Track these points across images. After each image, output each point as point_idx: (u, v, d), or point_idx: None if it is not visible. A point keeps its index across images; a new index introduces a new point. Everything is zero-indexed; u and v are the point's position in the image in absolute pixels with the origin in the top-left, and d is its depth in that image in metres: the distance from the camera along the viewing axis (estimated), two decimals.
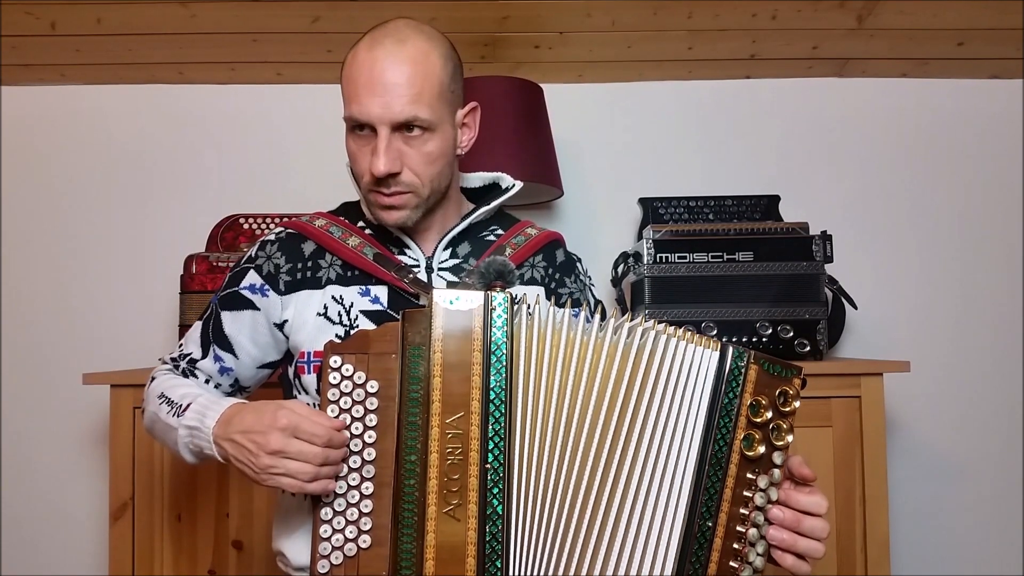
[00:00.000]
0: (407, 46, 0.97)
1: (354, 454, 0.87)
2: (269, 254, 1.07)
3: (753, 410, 0.85)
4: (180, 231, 1.95)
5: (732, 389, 0.85)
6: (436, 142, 1.00)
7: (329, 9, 1.66)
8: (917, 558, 1.92)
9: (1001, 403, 1.95)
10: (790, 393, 0.86)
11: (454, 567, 0.83)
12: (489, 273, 0.96)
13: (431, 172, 1.01)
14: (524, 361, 0.87)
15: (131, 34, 1.75)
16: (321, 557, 0.86)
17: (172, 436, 0.98)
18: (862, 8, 1.69)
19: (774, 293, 1.61)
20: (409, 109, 0.96)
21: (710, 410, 0.85)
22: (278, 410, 0.86)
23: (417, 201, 1.02)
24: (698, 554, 0.84)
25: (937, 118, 2.00)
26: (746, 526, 0.84)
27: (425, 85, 0.97)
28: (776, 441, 0.85)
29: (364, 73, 0.97)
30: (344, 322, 1.03)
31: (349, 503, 0.87)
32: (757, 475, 0.85)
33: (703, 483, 0.84)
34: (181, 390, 1.00)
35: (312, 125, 1.98)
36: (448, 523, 0.84)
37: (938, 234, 1.99)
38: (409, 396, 0.86)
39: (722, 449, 0.85)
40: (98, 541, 1.90)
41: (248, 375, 1.10)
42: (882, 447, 1.48)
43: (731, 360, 0.86)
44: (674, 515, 0.85)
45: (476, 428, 0.85)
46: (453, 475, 0.84)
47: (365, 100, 0.96)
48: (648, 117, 2.02)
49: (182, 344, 1.11)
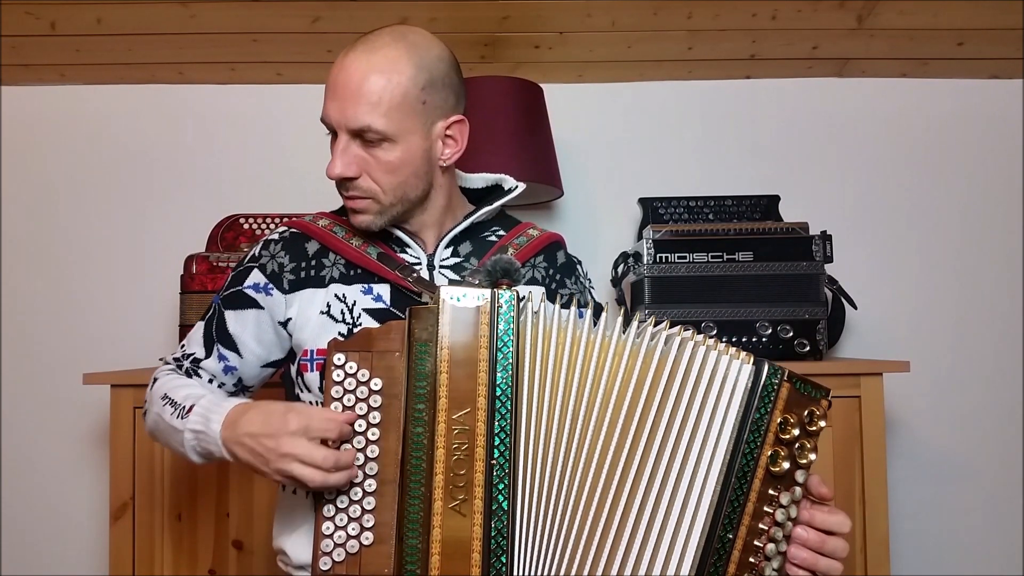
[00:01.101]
0: (376, 55, 0.98)
1: (357, 451, 0.88)
2: (273, 253, 1.08)
3: (782, 427, 0.85)
4: (180, 231, 1.95)
5: (764, 405, 0.85)
6: (398, 152, 0.99)
7: (329, 9, 1.66)
8: (917, 558, 1.92)
9: (1001, 403, 1.95)
10: (817, 413, 0.87)
11: (459, 562, 0.83)
12: (496, 271, 0.97)
13: (392, 181, 1.01)
14: (530, 359, 0.87)
15: (131, 34, 1.75)
16: (323, 554, 0.86)
17: (178, 438, 0.98)
18: (862, 8, 1.69)
19: (774, 293, 1.61)
20: (362, 118, 0.97)
21: (740, 423, 0.85)
22: (287, 413, 0.87)
23: (379, 207, 1.03)
24: (716, 565, 0.84)
25: (937, 118, 2.00)
26: (763, 541, 0.85)
27: (384, 95, 0.96)
28: (800, 459, 0.86)
29: (332, 77, 1.00)
30: (347, 320, 1.03)
31: (352, 500, 0.87)
32: (779, 492, 0.85)
33: (727, 495, 0.84)
34: (184, 391, 1.00)
35: (312, 125, 1.95)
36: (454, 518, 0.83)
37: (938, 234, 1.99)
38: (416, 392, 0.86)
39: (749, 463, 0.85)
40: (98, 541, 1.90)
41: (252, 374, 1.10)
42: (882, 447, 1.48)
43: (766, 376, 0.86)
44: (695, 524, 0.84)
45: (482, 424, 0.85)
46: (459, 470, 0.84)
47: (328, 103, 1.00)
48: (648, 117, 2.02)
49: (184, 345, 1.11)
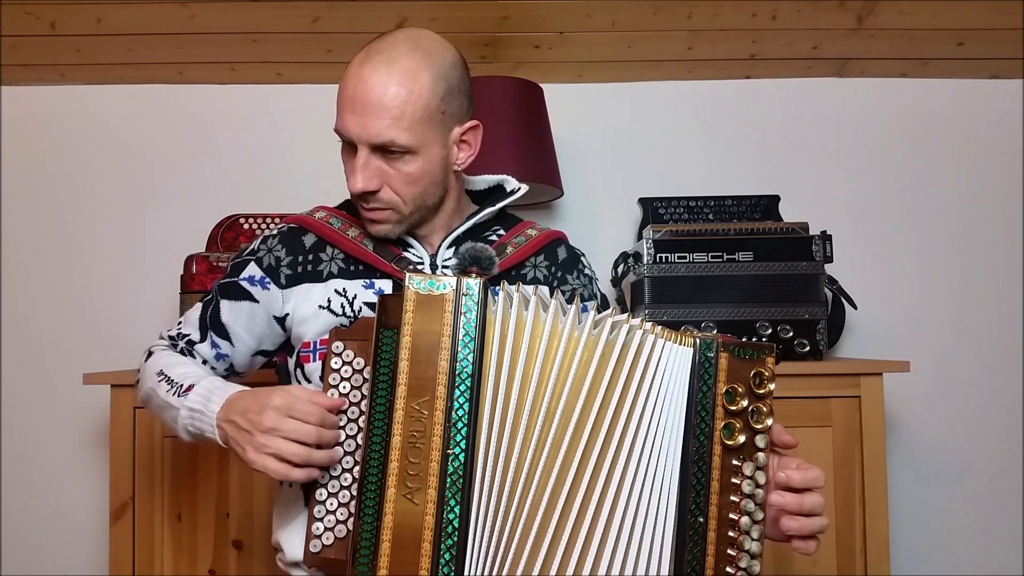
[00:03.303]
0: (395, 67, 0.96)
1: (349, 438, 0.89)
2: (270, 247, 1.08)
3: (728, 398, 0.85)
4: (180, 231, 1.95)
5: (704, 382, 0.85)
6: (419, 163, 0.99)
7: (329, 9, 1.66)
8: (917, 558, 1.92)
9: (1001, 403, 1.95)
10: (765, 375, 0.86)
11: (409, 550, 0.82)
12: (465, 259, 0.97)
13: (412, 192, 1.01)
14: (498, 348, 0.86)
15: (131, 34, 1.75)
16: (314, 537, 0.87)
17: (171, 414, 0.98)
18: (862, 8, 1.69)
19: (774, 293, 1.61)
20: (386, 133, 0.95)
21: (688, 405, 0.86)
22: (274, 392, 0.88)
23: (399, 217, 1.03)
24: (694, 551, 0.84)
25: (937, 118, 2.00)
26: (738, 514, 0.84)
27: (407, 108, 0.95)
28: (756, 424, 0.85)
29: (349, 89, 0.97)
30: (348, 313, 1.04)
31: (342, 485, 0.88)
32: (743, 462, 0.85)
33: (689, 480, 0.84)
34: (180, 369, 1.01)
35: (312, 125, 1.98)
36: (406, 505, 0.83)
37: (938, 234, 1.99)
38: (379, 379, 0.86)
39: (704, 443, 0.85)
40: (98, 541, 1.90)
41: (243, 361, 1.11)
42: (882, 447, 1.48)
43: (700, 351, 0.86)
44: (665, 514, 0.84)
45: (440, 413, 0.84)
46: (414, 459, 0.83)
47: (346, 117, 0.97)
48: (648, 117, 2.02)
49: (181, 323, 1.12)
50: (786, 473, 0.86)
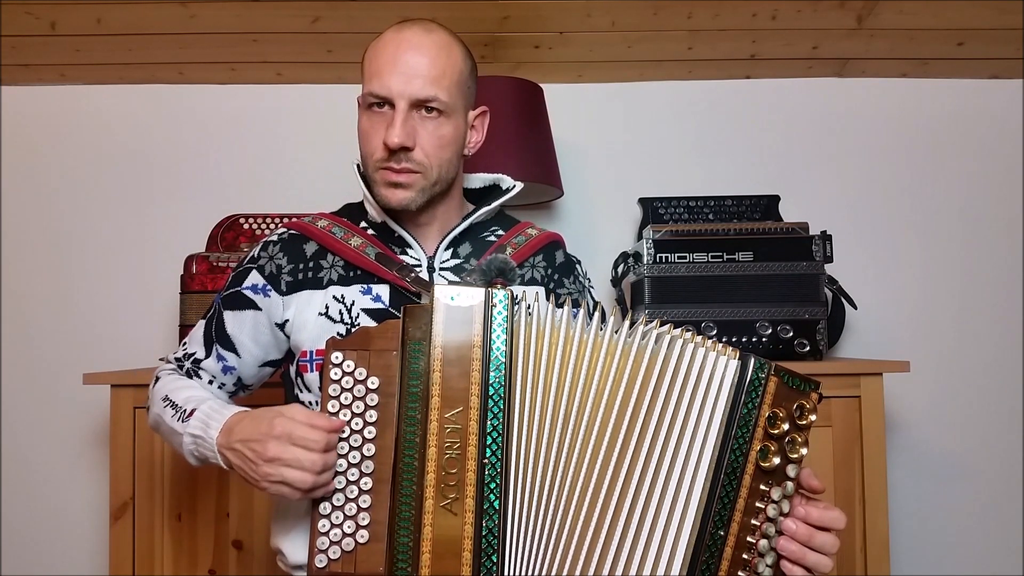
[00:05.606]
0: (433, 35, 1.02)
1: (353, 449, 0.88)
2: (271, 254, 1.08)
3: (771, 422, 0.85)
4: (180, 231, 1.95)
5: (751, 400, 0.85)
6: (450, 128, 1.03)
7: (329, 9, 1.66)
8: (917, 558, 1.92)
9: (1001, 403, 1.95)
10: (807, 407, 0.86)
11: (450, 561, 0.83)
12: (490, 270, 0.97)
13: (441, 156, 1.03)
14: (524, 358, 0.87)
15: (131, 34, 1.75)
16: (319, 552, 0.86)
17: (177, 440, 0.99)
18: (862, 8, 1.69)
19: (774, 293, 1.61)
20: (430, 88, 1.00)
21: (728, 419, 0.85)
22: (275, 418, 0.87)
23: (424, 183, 1.03)
24: (708, 563, 0.83)
25: (937, 118, 2.00)
26: (756, 537, 0.84)
27: (447, 70, 1.01)
28: (791, 454, 0.85)
29: (390, 50, 1.01)
30: (346, 320, 1.03)
31: (348, 498, 0.87)
32: (771, 487, 0.85)
33: (717, 492, 0.84)
34: (185, 393, 1.01)
35: (312, 125, 1.98)
36: (445, 517, 0.84)
37: (938, 234, 1.99)
38: (409, 391, 0.86)
39: (738, 459, 0.84)
40: (98, 541, 1.90)
41: (250, 373, 1.10)
42: (882, 447, 1.48)
43: (752, 371, 0.85)
44: (685, 521, 0.84)
45: (475, 423, 0.85)
46: (451, 469, 0.84)
47: (387, 76, 1.00)
48: (648, 117, 2.02)
49: (185, 344, 1.11)
50: (805, 508, 0.86)
